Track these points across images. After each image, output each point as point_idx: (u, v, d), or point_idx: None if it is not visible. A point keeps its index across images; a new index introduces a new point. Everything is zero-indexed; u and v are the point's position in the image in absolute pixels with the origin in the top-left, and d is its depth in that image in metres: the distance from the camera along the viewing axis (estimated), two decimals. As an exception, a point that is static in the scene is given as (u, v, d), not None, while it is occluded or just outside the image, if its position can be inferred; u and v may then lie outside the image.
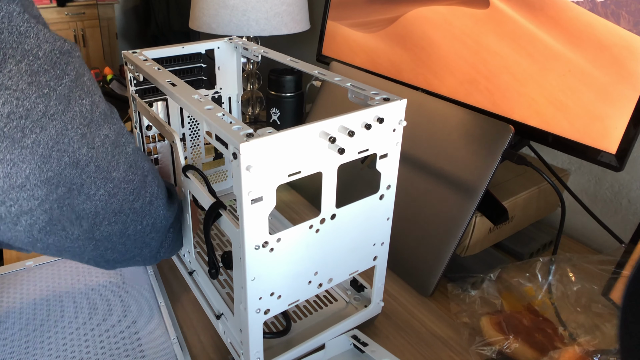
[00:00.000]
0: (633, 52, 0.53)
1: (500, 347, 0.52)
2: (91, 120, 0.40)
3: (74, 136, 0.38)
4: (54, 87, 0.37)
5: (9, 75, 0.34)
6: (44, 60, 0.36)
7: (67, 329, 0.58)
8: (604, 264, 0.56)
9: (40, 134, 0.36)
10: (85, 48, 3.37)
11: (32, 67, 0.35)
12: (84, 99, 0.40)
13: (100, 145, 0.41)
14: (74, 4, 3.26)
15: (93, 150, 0.40)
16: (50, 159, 0.37)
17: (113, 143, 0.43)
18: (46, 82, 0.36)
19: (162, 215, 0.50)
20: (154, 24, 2.79)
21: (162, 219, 0.51)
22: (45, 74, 0.36)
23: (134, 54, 0.65)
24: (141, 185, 0.47)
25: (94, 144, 0.40)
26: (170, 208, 0.52)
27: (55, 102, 0.37)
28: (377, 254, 0.54)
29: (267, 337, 0.54)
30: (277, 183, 0.41)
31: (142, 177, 0.46)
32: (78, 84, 0.39)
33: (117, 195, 0.44)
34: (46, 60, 0.36)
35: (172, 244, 0.55)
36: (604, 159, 0.57)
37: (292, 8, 1.04)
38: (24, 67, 0.34)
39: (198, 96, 0.48)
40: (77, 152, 0.39)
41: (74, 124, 0.38)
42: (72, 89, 0.38)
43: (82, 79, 0.40)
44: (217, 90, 0.79)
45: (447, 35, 0.72)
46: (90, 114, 0.40)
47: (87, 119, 0.40)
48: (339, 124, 0.43)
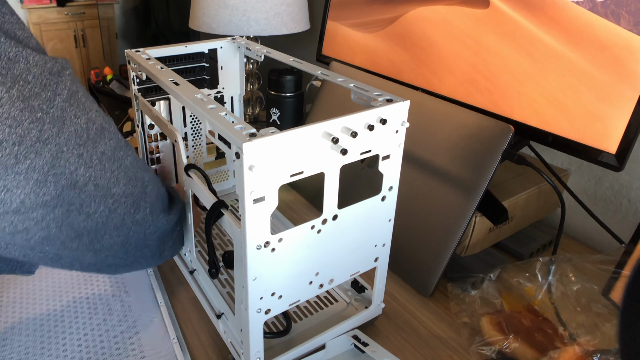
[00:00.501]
0: (633, 52, 0.53)
1: (500, 347, 0.52)
2: (87, 139, 0.39)
3: (70, 157, 0.38)
4: (46, 110, 0.36)
5: (0, 103, 0.33)
6: (34, 83, 0.35)
7: (67, 329, 0.58)
8: (604, 264, 0.56)
9: (35, 159, 0.35)
10: (86, 48, 3.37)
11: (23, 93, 0.34)
12: (79, 117, 0.39)
13: (97, 163, 0.40)
14: (74, 4, 3.26)
15: (91, 169, 0.40)
16: (47, 183, 0.37)
17: (110, 158, 0.42)
18: (39, 105, 0.35)
19: (163, 222, 0.50)
20: (154, 24, 2.79)
21: (164, 224, 0.51)
22: (36, 98, 0.35)
23: (137, 52, 0.65)
24: (141, 196, 0.46)
25: (92, 163, 0.40)
26: (171, 213, 0.52)
27: (49, 125, 0.36)
28: (378, 255, 0.54)
29: (267, 337, 0.55)
30: (279, 183, 0.41)
31: (142, 188, 0.46)
32: (72, 103, 0.38)
33: (118, 210, 0.44)
34: (36, 84, 0.36)
35: (174, 245, 0.56)
36: (603, 159, 0.57)
37: (292, 8, 1.04)
38: (15, 94, 0.34)
39: (201, 95, 0.48)
40: (74, 173, 0.39)
41: (69, 145, 0.38)
42: (66, 109, 0.38)
43: (77, 96, 0.39)
44: (219, 90, 0.79)
45: (447, 35, 0.72)
46: (86, 132, 0.39)
47: (82, 137, 0.39)
48: (342, 124, 0.43)
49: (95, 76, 2.95)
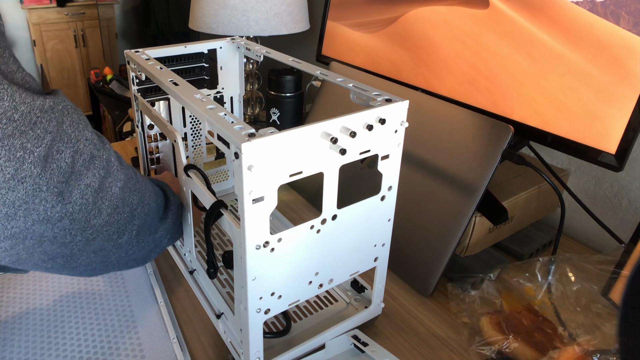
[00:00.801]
0: (633, 52, 0.53)
1: (499, 347, 0.52)
2: (71, 173, 0.38)
3: (47, 196, 0.36)
4: (31, 149, 0.35)
5: None
6: (20, 122, 0.34)
7: (67, 329, 0.58)
8: (604, 264, 0.56)
9: (7, 194, 0.34)
10: (86, 48, 3.37)
11: (5, 131, 0.33)
12: (64, 152, 0.37)
13: (79, 197, 0.39)
14: (74, 4, 3.26)
15: (69, 205, 0.38)
16: (16, 217, 0.35)
17: (96, 191, 0.40)
18: (21, 144, 0.34)
19: (149, 241, 0.50)
20: (153, 24, 2.79)
21: (151, 243, 0.50)
22: (21, 137, 0.34)
23: (137, 53, 0.65)
24: (128, 220, 0.45)
25: (71, 199, 0.38)
26: (164, 223, 0.51)
27: (30, 165, 0.35)
28: (377, 255, 0.54)
29: (267, 337, 0.55)
30: (278, 183, 0.41)
31: (129, 213, 0.44)
32: (58, 137, 0.37)
33: (97, 239, 0.42)
34: (23, 122, 0.34)
35: (170, 241, 0.55)
36: (603, 159, 0.57)
37: (291, 8, 1.04)
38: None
39: (200, 96, 0.48)
40: (49, 210, 0.37)
41: (50, 185, 0.36)
42: (51, 147, 0.36)
43: (62, 127, 0.37)
44: (219, 90, 0.79)
45: (447, 35, 0.72)
46: (70, 167, 0.38)
47: (66, 173, 0.37)
48: (341, 124, 0.43)
49: (95, 76, 2.95)
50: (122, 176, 0.43)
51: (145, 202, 0.47)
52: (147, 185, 0.48)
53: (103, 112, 2.82)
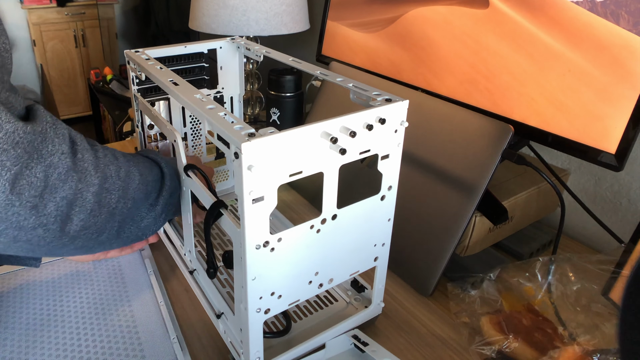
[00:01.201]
0: (633, 52, 0.53)
1: (500, 347, 0.52)
2: (45, 187, 0.39)
3: (20, 210, 0.38)
4: (9, 167, 0.36)
5: None
6: (3, 141, 0.36)
7: (67, 329, 0.58)
8: (604, 264, 0.56)
9: None
10: (86, 48, 3.37)
11: None
12: (34, 168, 0.38)
13: (53, 210, 0.40)
14: (74, 4, 3.26)
15: (43, 217, 0.39)
16: None
17: (70, 202, 0.41)
18: (1, 162, 0.36)
19: (135, 227, 0.50)
20: (153, 24, 2.79)
21: (138, 227, 0.51)
22: (1, 155, 0.36)
23: (137, 53, 0.65)
24: (107, 220, 0.46)
25: (45, 212, 0.39)
26: (153, 210, 0.52)
27: (4, 181, 0.36)
28: (377, 254, 0.54)
29: (267, 337, 0.55)
30: (278, 183, 0.41)
31: (107, 213, 0.45)
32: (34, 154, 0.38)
33: (75, 242, 0.44)
34: (6, 141, 0.36)
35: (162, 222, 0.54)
36: (603, 158, 0.57)
37: (291, 8, 1.04)
38: None
39: (200, 96, 0.48)
40: (22, 221, 0.38)
41: (21, 200, 0.37)
42: (23, 164, 0.37)
43: (36, 145, 0.38)
44: (219, 90, 0.79)
45: (447, 35, 0.72)
46: (43, 181, 0.38)
47: (39, 188, 0.38)
48: (341, 124, 0.43)
49: (95, 76, 2.95)
50: (97, 181, 0.43)
51: (129, 196, 0.47)
52: (133, 178, 0.48)
53: (103, 112, 2.82)
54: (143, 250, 0.72)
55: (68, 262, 0.70)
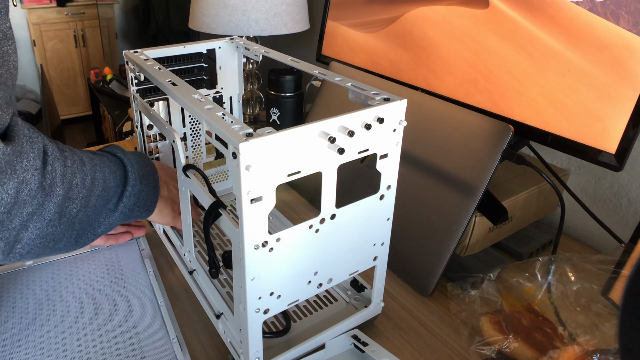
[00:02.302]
0: (632, 52, 0.53)
1: (499, 347, 0.52)
2: (14, 204, 0.39)
3: None
4: None
5: None
6: None
7: (66, 329, 0.58)
8: (604, 264, 0.56)
9: None
10: (85, 48, 3.37)
11: None
12: (7, 184, 0.38)
13: (18, 224, 0.40)
14: (74, 4, 3.26)
15: (6, 232, 0.40)
16: None
17: (32, 214, 0.41)
18: None
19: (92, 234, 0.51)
20: (153, 24, 2.79)
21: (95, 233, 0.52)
22: None
23: (136, 53, 0.65)
24: (66, 228, 0.46)
25: (10, 226, 0.39)
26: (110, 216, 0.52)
27: None
28: (377, 254, 0.54)
29: (266, 337, 0.54)
30: (276, 183, 0.41)
31: (67, 223, 0.45)
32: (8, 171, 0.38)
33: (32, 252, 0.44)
34: None
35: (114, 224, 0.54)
36: (603, 158, 0.57)
37: (291, 8, 1.04)
38: None
39: (198, 96, 0.48)
40: None
41: None
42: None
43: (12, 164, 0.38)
44: (218, 90, 0.79)
45: (447, 35, 0.72)
46: (14, 198, 0.38)
47: (8, 204, 0.38)
48: (339, 124, 0.43)
49: (95, 76, 2.95)
50: (62, 191, 0.43)
51: (90, 204, 0.47)
52: (97, 185, 0.48)
53: (103, 112, 2.82)
54: (143, 250, 0.72)
55: (68, 262, 0.70)
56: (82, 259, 0.70)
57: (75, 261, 0.70)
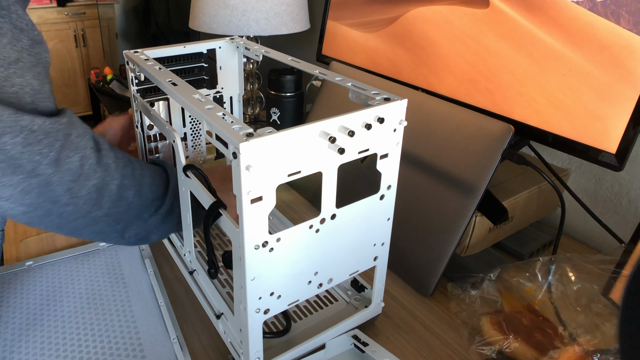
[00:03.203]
0: (633, 52, 0.53)
1: (500, 347, 0.52)
2: (80, 175, 0.46)
3: (57, 189, 0.45)
4: (46, 153, 0.43)
5: (5, 145, 0.41)
6: (38, 132, 0.43)
7: (67, 329, 0.58)
8: (604, 264, 0.56)
9: (25, 181, 0.43)
10: (86, 48, 3.37)
11: (27, 140, 0.42)
12: (72, 157, 0.45)
13: (85, 194, 0.47)
14: (74, 4, 3.26)
15: (76, 198, 0.46)
16: (30, 194, 0.44)
17: (99, 189, 0.48)
18: (39, 150, 0.43)
19: (144, 226, 0.55)
20: (154, 24, 2.79)
21: (146, 226, 0.55)
22: (38, 144, 0.43)
23: (136, 53, 0.65)
24: (125, 211, 0.51)
25: (79, 194, 0.46)
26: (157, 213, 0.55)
27: (45, 166, 0.43)
28: (377, 254, 0.54)
29: (267, 337, 0.54)
30: (277, 183, 0.41)
31: (126, 206, 0.51)
32: (67, 144, 0.45)
33: (98, 224, 0.50)
34: (40, 132, 0.43)
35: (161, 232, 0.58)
36: (604, 158, 0.57)
37: (292, 8, 1.04)
38: (19, 141, 0.41)
39: (199, 96, 0.48)
40: (58, 197, 0.45)
41: (62, 182, 0.45)
42: (61, 152, 0.44)
43: (70, 138, 0.45)
44: (218, 90, 0.79)
45: (447, 35, 0.72)
46: (79, 169, 0.45)
47: (75, 174, 0.45)
48: (339, 123, 0.43)
49: (95, 76, 2.95)
50: (118, 175, 0.50)
51: (143, 194, 0.53)
52: (145, 178, 0.54)
53: (103, 112, 2.82)
54: (143, 250, 0.72)
55: (68, 262, 0.70)
56: (82, 259, 0.70)
57: (76, 261, 0.70)
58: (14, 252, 0.74)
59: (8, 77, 0.41)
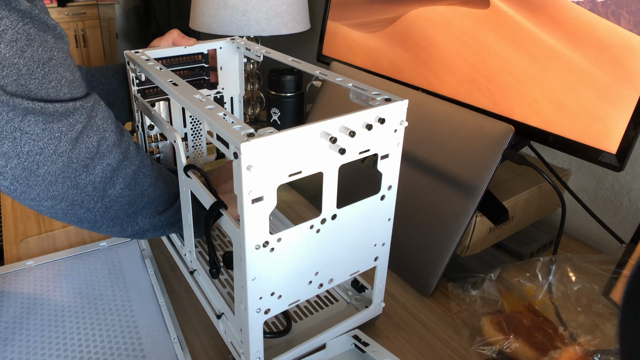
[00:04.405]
0: (633, 52, 0.53)
1: (500, 347, 0.52)
2: (96, 153, 0.49)
3: (77, 167, 0.48)
4: (65, 132, 0.46)
5: (28, 124, 0.44)
6: (60, 112, 0.45)
7: (67, 329, 0.58)
8: (605, 264, 0.56)
9: (51, 166, 0.46)
10: (86, 48, 3.37)
11: (47, 119, 0.45)
12: (92, 137, 0.48)
13: (100, 172, 0.50)
14: (75, 4, 3.26)
15: (92, 176, 0.49)
16: (56, 183, 0.47)
17: (114, 169, 0.51)
18: (58, 128, 0.45)
19: (156, 220, 0.58)
20: (154, 24, 2.79)
21: (160, 218, 0.58)
22: (58, 122, 0.45)
23: (137, 53, 0.65)
24: (138, 196, 0.54)
25: (94, 171, 0.49)
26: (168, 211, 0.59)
27: (65, 143, 0.46)
28: (378, 254, 0.54)
29: (267, 337, 0.55)
30: (277, 183, 0.41)
31: (139, 192, 0.54)
32: (89, 125, 0.48)
33: (113, 207, 0.53)
34: (62, 112, 0.46)
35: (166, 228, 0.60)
36: (604, 158, 0.57)
37: (292, 8, 1.04)
38: (40, 119, 0.44)
39: (199, 96, 0.48)
40: (78, 177, 0.48)
41: (79, 158, 0.48)
42: (82, 132, 0.47)
43: (94, 120, 0.49)
44: (219, 90, 0.79)
45: (448, 35, 0.72)
46: (96, 148, 0.49)
47: (92, 152, 0.48)
48: (340, 124, 0.43)
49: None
50: (137, 162, 0.53)
51: (159, 185, 0.56)
52: (162, 173, 0.58)
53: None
54: (144, 250, 0.72)
55: (68, 262, 0.70)
56: (82, 259, 0.70)
57: (76, 261, 0.70)
58: (14, 252, 0.74)
59: (45, 75, 0.45)
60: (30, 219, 0.82)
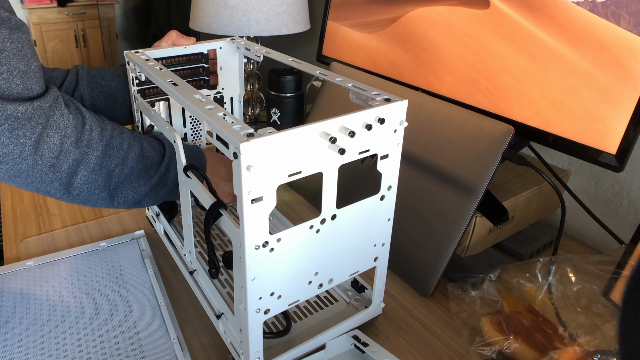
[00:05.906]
0: (633, 53, 0.53)
1: (500, 348, 0.52)
2: (60, 152, 0.50)
3: (43, 168, 0.50)
4: (29, 135, 0.48)
5: None
6: (22, 118, 0.47)
7: (67, 329, 0.58)
8: (604, 265, 0.56)
9: (15, 167, 0.48)
10: (86, 48, 3.37)
11: (13, 126, 0.47)
12: (53, 137, 0.49)
13: (66, 168, 0.51)
14: (75, 4, 3.26)
15: (58, 173, 0.51)
16: (19, 177, 0.50)
17: (78, 161, 0.52)
18: (23, 133, 0.47)
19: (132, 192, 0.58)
20: (154, 24, 2.79)
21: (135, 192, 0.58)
22: (22, 128, 0.47)
23: (136, 53, 0.65)
24: (106, 179, 0.55)
25: (60, 169, 0.51)
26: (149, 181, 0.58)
27: (29, 147, 0.48)
28: (377, 254, 0.54)
29: (267, 337, 0.55)
30: (277, 183, 0.41)
31: (106, 174, 0.55)
32: (47, 125, 0.49)
33: (82, 194, 0.54)
34: (24, 117, 0.47)
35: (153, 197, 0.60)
36: (604, 159, 0.57)
37: (292, 8, 1.04)
38: (6, 128, 0.46)
39: (199, 96, 0.48)
40: (44, 176, 0.50)
41: (43, 159, 0.49)
42: (42, 133, 0.48)
43: (52, 119, 0.49)
44: (219, 90, 0.79)
45: (448, 36, 0.72)
46: (59, 147, 0.50)
47: (55, 152, 0.50)
48: (340, 124, 0.43)
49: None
50: (101, 147, 0.53)
51: (127, 164, 0.56)
52: (134, 150, 0.57)
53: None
54: (143, 250, 0.72)
55: (68, 262, 0.70)
56: (82, 259, 0.70)
57: (76, 261, 0.70)
58: (14, 252, 0.74)
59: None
60: (30, 219, 0.82)
